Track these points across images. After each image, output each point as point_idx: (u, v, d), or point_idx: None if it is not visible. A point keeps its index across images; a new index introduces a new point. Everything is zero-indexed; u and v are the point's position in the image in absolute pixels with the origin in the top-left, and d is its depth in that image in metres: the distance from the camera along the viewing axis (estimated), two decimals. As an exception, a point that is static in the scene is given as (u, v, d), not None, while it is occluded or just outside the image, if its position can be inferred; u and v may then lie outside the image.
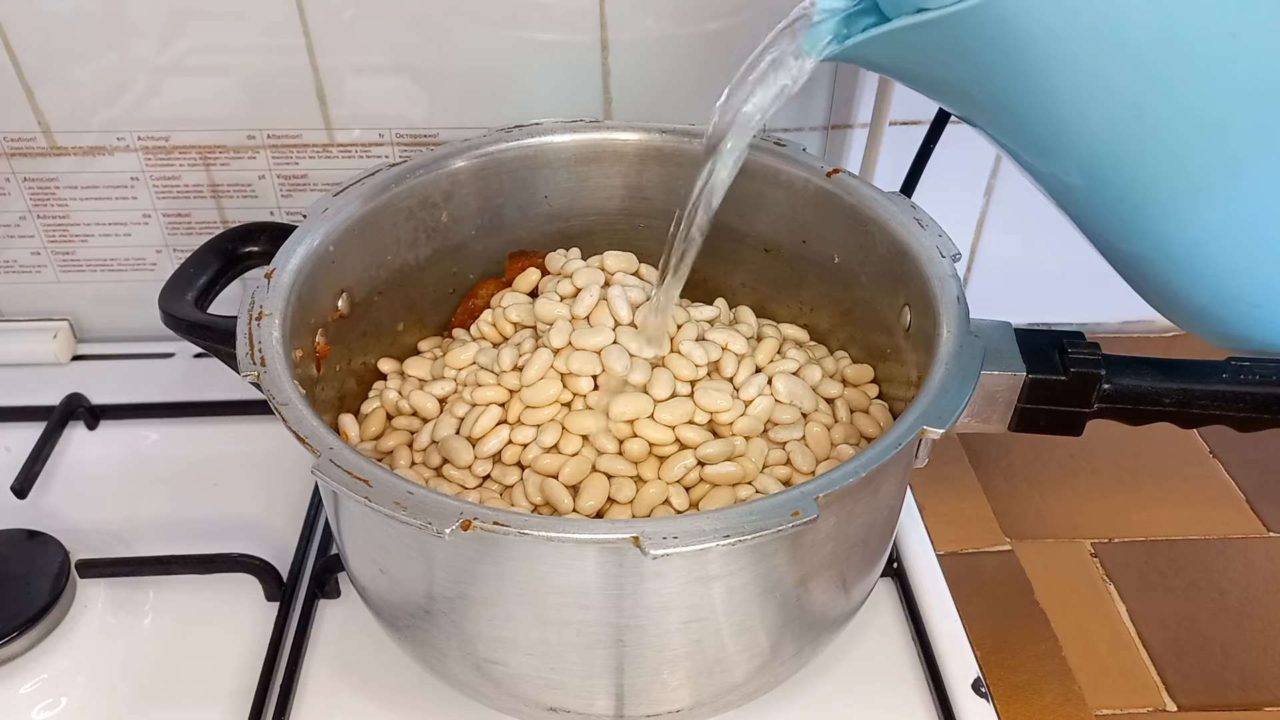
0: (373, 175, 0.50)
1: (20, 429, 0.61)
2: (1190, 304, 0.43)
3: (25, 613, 0.49)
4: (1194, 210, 0.38)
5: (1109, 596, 0.55)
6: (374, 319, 0.51)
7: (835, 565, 0.42)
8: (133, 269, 0.67)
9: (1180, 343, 0.73)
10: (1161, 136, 0.35)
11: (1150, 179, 0.37)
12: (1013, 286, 0.71)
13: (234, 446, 0.61)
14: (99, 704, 0.48)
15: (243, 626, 0.51)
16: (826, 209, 0.51)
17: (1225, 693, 0.50)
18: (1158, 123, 0.34)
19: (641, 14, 0.58)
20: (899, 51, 0.38)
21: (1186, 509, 0.60)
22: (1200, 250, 0.40)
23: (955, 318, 0.42)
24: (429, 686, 0.47)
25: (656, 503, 0.42)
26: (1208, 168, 0.36)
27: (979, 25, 0.33)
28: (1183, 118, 0.34)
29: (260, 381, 0.39)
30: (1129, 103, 0.34)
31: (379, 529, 0.40)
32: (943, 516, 0.58)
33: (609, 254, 0.52)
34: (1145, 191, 0.37)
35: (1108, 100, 0.34)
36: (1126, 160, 0.37)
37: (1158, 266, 0.42)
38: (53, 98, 0.59)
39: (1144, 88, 0.33)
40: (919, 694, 0.49)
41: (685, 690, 0.42)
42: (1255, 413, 0.45)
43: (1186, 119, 0.34)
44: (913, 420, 0.38)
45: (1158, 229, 0.39)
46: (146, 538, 0.55)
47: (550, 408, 0.45)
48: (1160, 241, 0.40)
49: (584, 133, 0.54)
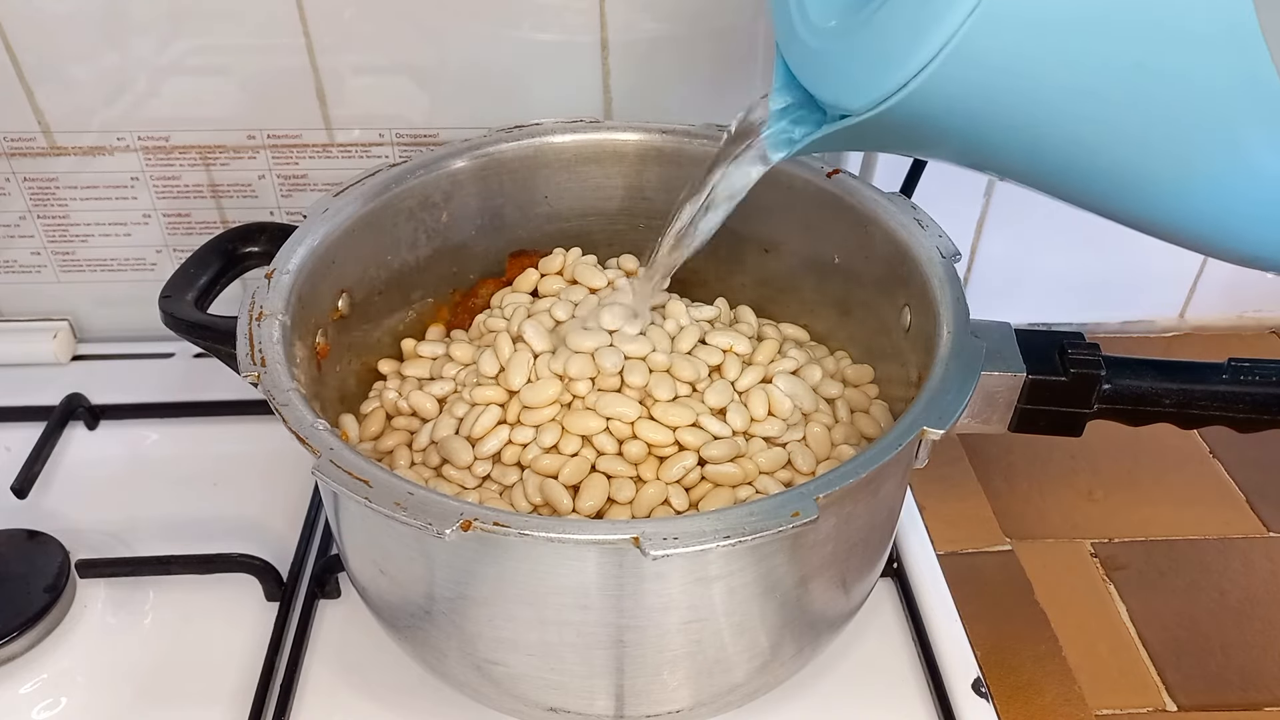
0: (373, 175, 0.50)
1: (20, 429, 0.61)
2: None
3: (25, 613, 0.49)
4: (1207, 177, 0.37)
5: (1109, 596, 0.55)
6: (374, 319, 0.51)
7: (835, 565, 0.42)
8: (133, 269, 0.67)
9: (1180, 343, 0.73)
10: (1120, 126, 0.35)
11: (1147, 162, 0.36)
12: (1013, 286, 0.71)
13: (234, 446, 0.61)
14: (99, 704, 0.48)
15: (243, 626, 0.51)
16: (826, 209, 0.51)
17: (1225, 693, 0.50)
18: (1111, 115, 0.34)
19: (641, 14, 0.58)
20: (857, 141, 0.40)
21: (1186, 509, 0.60)
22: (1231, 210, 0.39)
23: (955, 318, 0.42)
24: (429, 686, 0.47)
25: (656, 503, 0.42)
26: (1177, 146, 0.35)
27: (908, 115, 0.34)
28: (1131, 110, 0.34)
29: (260, 382, 0.39)
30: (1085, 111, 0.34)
31: (379, 529, 0.40)
32: (943, 516, 0.58)
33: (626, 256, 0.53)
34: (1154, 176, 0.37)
35: (1062, 117, 0.34)
36: (1125, 154, 0.36)
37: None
38: (53, 98, 0.59)
39: (1085, 103, 0.33)
40: (919, 694, 0.49)
41: (685, 690, 0.42)
42: (1255, 413, 0.45)
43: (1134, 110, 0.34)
44: (913, 420, 0.38)
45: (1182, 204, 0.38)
46: (146, 538, 0.55)
47: (550, 408, 0.45)
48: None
49: (584, 133, 0.54)
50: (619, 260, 0.54)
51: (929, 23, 0.31)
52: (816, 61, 0.38)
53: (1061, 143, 0.34)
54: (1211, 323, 0.74)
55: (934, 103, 0.33)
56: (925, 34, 0.31)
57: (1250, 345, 0.73)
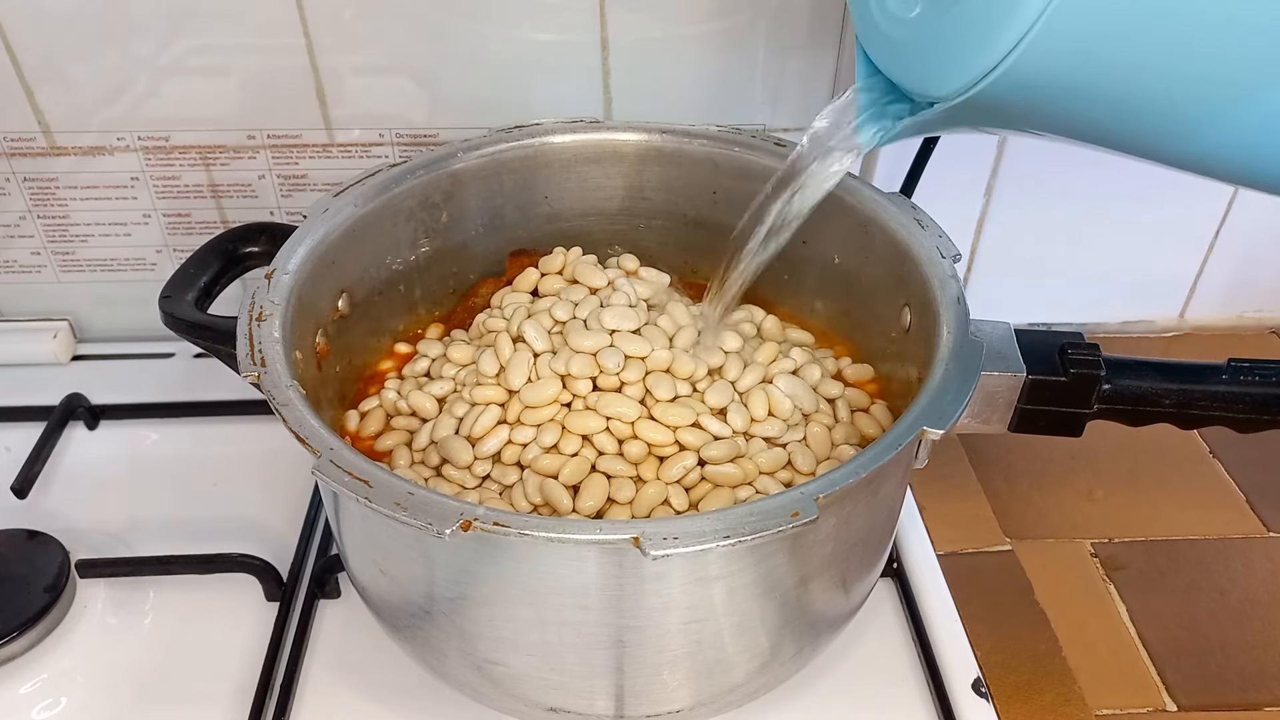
0: (373, 175, 0.50)
1: (20, 429, 0.61)
2: None
3: (25, 613, 0.49)
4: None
5: (1109, 596, 0.55)
6: (374, 319, 0.51)
7: (835, 565, 0.42)
8: (133, 269, 0.67)
9: (1180, 343, 0.73)
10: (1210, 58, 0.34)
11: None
12: (1013, 286, 0.71)
13: (234, 446, 0.61)
14: (99, 704, 0.48)
15: (243, 626, 0.51)
16: (826, 209, 0.50)
17: (1225, 693, 0.50)
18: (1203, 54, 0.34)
19: (641, 14, 0.58)
20: (944, 124, 0.39)
21: (1186, 509, 0.60)
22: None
23: (955, 318, 0.42)
24: (429, 686, 0.47)
25: (656, 503, 0.42)
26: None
27: (997, 95, 0.34)
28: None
29: (260, 382, 0.39)
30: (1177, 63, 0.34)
31: (379, 529, 0.40)
32: (943, 516, 0.58)
33: (626, 256, 0.53)
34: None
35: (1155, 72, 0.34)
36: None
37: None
38: (53, 98, 0.59)
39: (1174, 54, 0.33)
40: (919, 694, 0.49)
41: (685, 690, 0.42)
42: (1255, 414, 0.45)
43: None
44: (913, 420, 0.38)
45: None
46: (146, 538, 0.55)
47: (550, 407, 0.45)
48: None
49: (584, 133, 0.54)
50: (619, 260, 0.54)
51: (1015, 4, 0.31)
52: (901, 52, 0.39)
53: (1149, 97, 0.34)
54: (1211, 323, 0.74)
55: (1022, 81, 0.33)
56: (1012, 15, 0.31)
57: (1250, 345, 0.73)
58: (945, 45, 0.35)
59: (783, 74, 0.60)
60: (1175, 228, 0.69)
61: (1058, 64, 0.32)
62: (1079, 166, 0.64)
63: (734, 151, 0.53)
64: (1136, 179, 0.66)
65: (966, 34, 0.34)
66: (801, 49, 0.59)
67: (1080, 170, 0.65)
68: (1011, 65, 0.32)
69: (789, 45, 0.59)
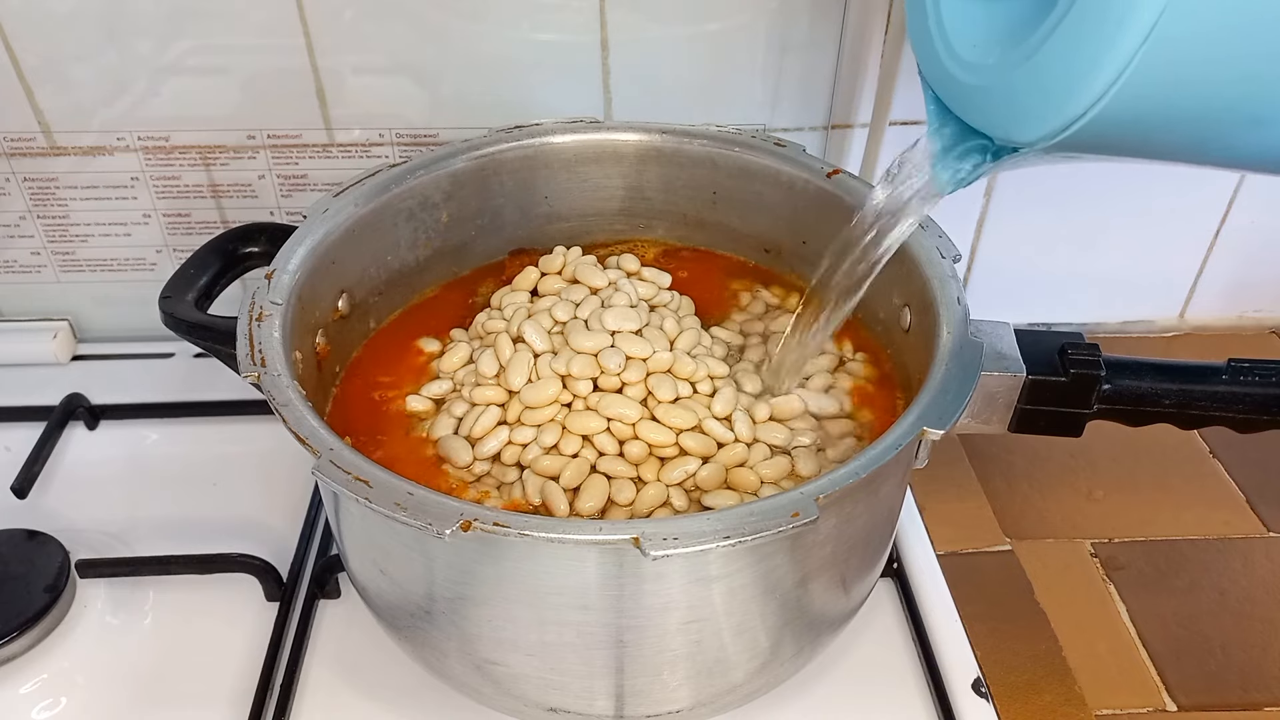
0: (373, 175, 0.50)
1: (20, 429, 0.61)
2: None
3: (25, 613, 0.49)
4: None
5: (1109, 596, 0.55)
6: (374, 319, 0.51)
7: (835, 566, 0.42)
8: (133, 269, 0.67)
9: (1180, 343, 0.73)
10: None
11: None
12: (1013, 286, 0.71)
13: (234, 446, 0.61)
14: (99, 704, 0.48)
15: (242, 626, 0.51)
16: (826, 209, 0.51)
17: (1225, 693, 0.50)
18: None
19: (641, 14, 0.58)
20: (1024, 163, 0.39)
21: (1186, 509, 0.60)
22: None
23: (955, 318, 0.42)
24: (429, 686, 0.47)
25: (657, 504, 0.42)
26: None
27: (1086, 136, 0.33)
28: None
29: (260, 382, 0.39)
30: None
31: (379, 529, 0.40)
32: (943, 516, 0.58)
33: (627, 256, 0.53)
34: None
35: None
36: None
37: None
38: (53, 98, 0.59)
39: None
40: (919, 694, 0.49)
41: (685, 690, 0.42)
42: (1255, 414, 0.46)
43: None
44: (913, 420, 0.38)
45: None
46: (146, 538, 0.55)
47: (550, 408, 0.45)
48: None
49: (584, 133, 0.54)
50: (619, 260, 0.54)
51: (1106, 49, 0.30)
52: (979, 98, 0.38)
53: (1237, 109, 0.34)
54: (1211, 323, 0.74)
55: (1112, 119, 0.32)
56: (1103, 60, 0.31)
57: (1250, 345, 0.73)
58: (1030, 92, 0.34)
59: (783, 74, 0.60)
60: (1175, 227, 0.69)
61: (1148, 99, 0.32)
62: (1079, 167, 0.64)
63: (734, 151, 0.53)
64: (1137, 179, 0.66)
65: (1053, 80, 0.33)
66: (801, 49, 0.59)
67: (1081, 171, 0.65)
68: (1104, 108, 0.31)
69: (789, 45, 0.59)
